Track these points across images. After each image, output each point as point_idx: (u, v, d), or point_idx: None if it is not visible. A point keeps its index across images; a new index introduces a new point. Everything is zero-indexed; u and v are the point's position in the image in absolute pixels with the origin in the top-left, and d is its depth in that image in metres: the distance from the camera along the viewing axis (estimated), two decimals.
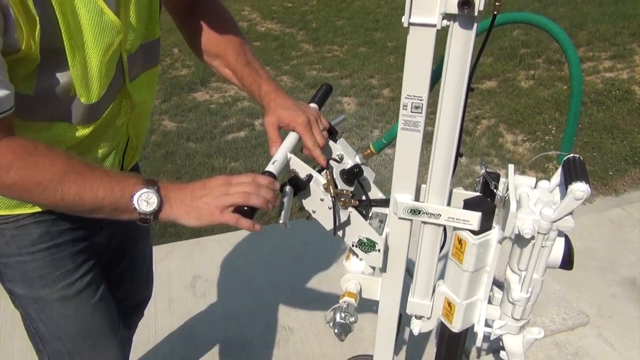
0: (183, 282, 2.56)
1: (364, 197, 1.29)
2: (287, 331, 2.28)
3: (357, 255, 1.42)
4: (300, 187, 1.12)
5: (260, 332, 2.27)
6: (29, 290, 1.22)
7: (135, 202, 0.99)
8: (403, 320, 1.45)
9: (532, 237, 1.12)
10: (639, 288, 2.71)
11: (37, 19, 0.92)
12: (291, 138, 1.20)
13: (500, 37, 6.03)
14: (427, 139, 1.02)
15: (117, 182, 1.00)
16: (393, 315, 1.40)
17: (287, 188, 1.10)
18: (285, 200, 1.08)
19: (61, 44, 0.97)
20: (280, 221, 1.05)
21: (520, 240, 1.16)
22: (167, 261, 2.73)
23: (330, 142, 1.26)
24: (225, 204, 1.02)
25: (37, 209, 1.17)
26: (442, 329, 1.42)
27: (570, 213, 1.08)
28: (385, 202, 1.31)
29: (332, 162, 1.22)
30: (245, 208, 1.01)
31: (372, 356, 1.82)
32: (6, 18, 0.88)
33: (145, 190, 0.99)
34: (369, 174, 1.32)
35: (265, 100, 1.33)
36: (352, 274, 1.40)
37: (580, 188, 1.03)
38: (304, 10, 7.69)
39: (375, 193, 1.33)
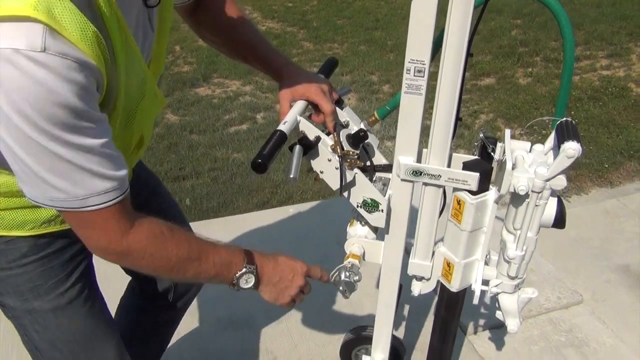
0: None
1: (368, 163, 1.36)
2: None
3: (361, 222, 1.49)
4: (309, 146, 1.19)
5: (263, 309, 2.33)
6: (21, 302, 1.21)
7: (236, 280, 1.17)
8: (403, 292, 1.52)
9: (527, 195, 1.20)
10: (633, 274, 2.78)
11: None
12: (300, 104, 1.27)
13: (499, 36, 6.12)
14: (429, 104, 1.09)
15: (226, 264, 1.15)
16: (394, 278, 1.47)
17: (297, 147, 1.17)
18: (295, 156, 1.15)
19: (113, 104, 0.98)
20: (290, 175, 1.12)
21: (515, 200, 1.24)
22: None
23: (337, 110, 1.33)
24: (294, 298, 1.28)
25: (33, 233, 1.16)
26: (442, 292, 1.49)
27: (563, 172, 1.16)
28: (388, 168, 1.38)
29: (338, 128, 1.29)
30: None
31: (372, 327, 1.89)
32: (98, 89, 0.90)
33: (246, 271, 1.17)
34: (373, 140, 1.39)
35: (278, 74, 1.39)
36: (355, 238, 1.47)
37: (571, 147, 1.10)
38: (305, 9, 7.77)
39: (379, 159, 1.40)
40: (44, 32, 0.76)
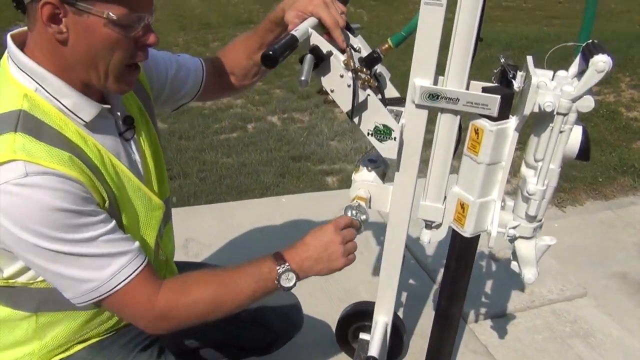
0: (176, 243, 2.51)
1: (379, 96, 1.29)
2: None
3: (368, 167, 1.40)
4: (320, 58, 1.11)
5: None
6: None
7: (279, 284, 1.17)
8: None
9: (551, 119, 1.12)
10: (631, 281, 2.71)
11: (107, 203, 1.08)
12: (311, 19, 1.20)
13: (489, 65, 6.17)
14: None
15: (260, 275, 1.16)
16: (402, 226, 1.37)
17: (308, 55, 1.09)
18: (306, 63, 1.07)
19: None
20: (302, 78, 1.04)
21: (538, 126, 1.16)
22: None
23: (349, 35, 1.26)
24: (343, 254, 1.22)
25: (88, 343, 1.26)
26: (453, 241, 1.39)
27: (591, 91, 1.09)
28: (400, 101, 1.30)
29: (351, 47, 1.21)
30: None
31: (373, 302, 1.78)
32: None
33: (282, 270, 1.17)
34: (384, 72, 1.31)
35: (280, 8, 1.32)
36: (361, 183, 1.38)
37: (602, 59, 1.04)
38: None
39: (391, 91, 1.32)
40: (25, 165, 0.94)
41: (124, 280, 1.05)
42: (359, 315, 1.74)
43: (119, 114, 1.19)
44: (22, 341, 1.17)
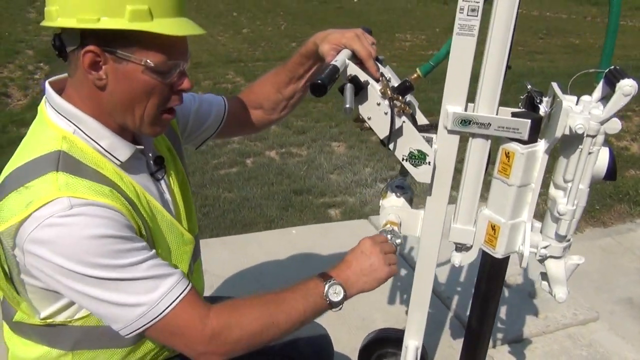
0: None
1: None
2: None
3: (396, 193, 1.44)
4: (359, 86, 1.16)
5: None
6: None
7: (328, 299, 1.17)
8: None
9: (580, 141, 1.17)
10: (637, 306, 2.75)
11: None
12: (345, 51, 1.25)
13: None
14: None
15: (309, 292, 1.17)
16: (433, 249, 1.40)
17: (348, 84, 1.14)
18: (348, 91, 1.12)
19: None
20: (347, 105, 1.08)
21: (567, 148, 1.21)
22: None
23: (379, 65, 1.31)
24: (385, 263, 1.24)
25: None
26: (483, 263, 1.42)
27: (617, 114, 1.14)
28: (430, 127, 1.35)
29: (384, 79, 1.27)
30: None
31: (394, 329, 1.80)
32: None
33: (328, 285, 1.18)
34: (413, 100, 1.36)
35: (311, 42, 1.38)
36: (391, 208, 1.41)
37: (628, 83, 1.10)
38: None
39: (420, 119, 1.37)
40: (69, 200, 0.97)
41: (174, 301, 1.05)
42: (382, 343, 1.75)
43: (150, 154, 1.23)
44: None
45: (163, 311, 1.04)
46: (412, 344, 1.51)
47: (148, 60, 1.04)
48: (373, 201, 3.84)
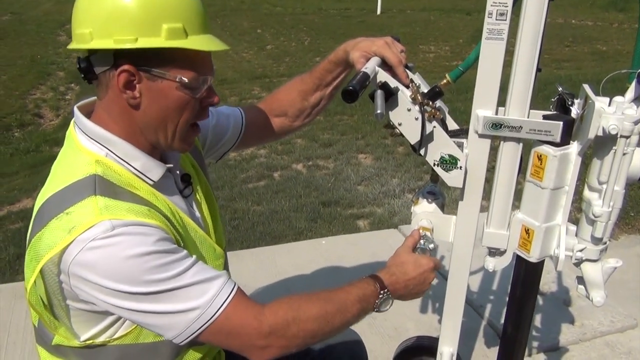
0: None
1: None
2: None
3: (428, 199, 1.44)
4: (389, 92, 1.17)
5: None
6: None
7: (377, 309, 1.21)
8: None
9: (614, 142, 1.16)
10: None
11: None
12: (375, 58, 1.27)
13: None
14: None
15: (364, 297, 1.18)
16: (467, 256, 1.40)
17: (378, 91, 1.15)
18: (378, 97, 1.13)
19: None
20: (378, 111, 1.10)
21: (601, 150, 1.20)
22: None
23: (408, 72, 1.32)
24: (428, 283, 1.28)
25: None
26: (517, 268, 1.41)
27: None
28: (461, 132, 1.35)
29: (414, 85, 1.28)
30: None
31: (428, 337, 1.79)
32: None
33: (382, 296, 1.20)
34: (443, 106, 1.37)
35: (341, 50, 1.40)
36: (423, 214, 1.41)
37: None
38: None
39: (451, 124, 1.38)
40: (111, 222, 0.98)
41: (225, 300, 1.05)
42: (418, 350, 1.74)
43: (177, 172, 1.25)
44: None
45: (216, 312, 1.04)
46: (447, 350, 1.50)
47: (182, 77, 1.06)
48: (402, 211, 3.83)
